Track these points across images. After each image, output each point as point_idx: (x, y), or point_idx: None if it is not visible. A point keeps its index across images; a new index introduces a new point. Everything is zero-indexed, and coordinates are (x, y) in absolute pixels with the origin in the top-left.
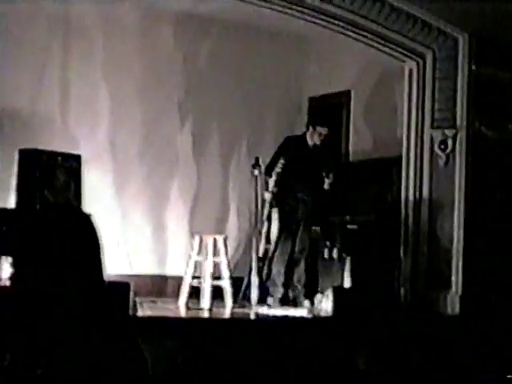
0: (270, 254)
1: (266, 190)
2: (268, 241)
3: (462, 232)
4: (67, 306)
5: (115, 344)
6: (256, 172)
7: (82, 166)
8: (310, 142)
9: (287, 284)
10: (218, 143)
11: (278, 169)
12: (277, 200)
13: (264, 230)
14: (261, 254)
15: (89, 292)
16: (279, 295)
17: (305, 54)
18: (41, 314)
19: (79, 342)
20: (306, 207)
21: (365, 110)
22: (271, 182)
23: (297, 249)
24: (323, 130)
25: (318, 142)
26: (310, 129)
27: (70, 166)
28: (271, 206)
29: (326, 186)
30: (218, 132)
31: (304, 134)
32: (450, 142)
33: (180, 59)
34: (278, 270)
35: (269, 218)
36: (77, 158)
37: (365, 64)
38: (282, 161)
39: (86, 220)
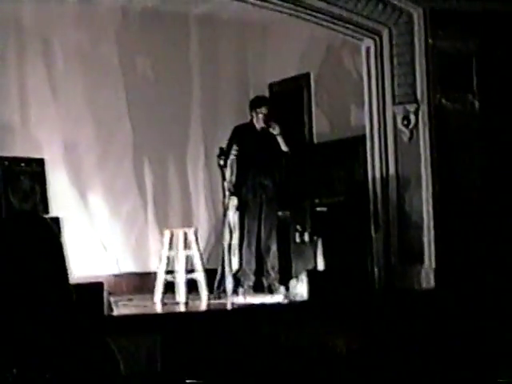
0: (233, 242)
1: (224, 179)
2: (230, 229)
3: (431, 206)
4: (33, 311)
5: (84, 346)
6: (221, 161)
7: (46, 170)
8: (257, 127)
9: (260, 271)
10: (177, 137)
11: (232, 156)
12: (235, 188)
13: (226, 219)
14: (226, 244)
15: (54, 296)
16: (251, 283)
17: (261, 40)
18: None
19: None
20: (266, 192)
21: (325, 92)
22: (227, 170)
23: (263, 235)
24: (263, 110)
25: (262, 124)
26: (253, 113)
27: (34, 170)
28: (229, 195)
29: (282, 147)
30: (177, 126)
31: (251, 121)
32: (412, 117)
33: (132, 55)
34: (247, 258)
35: (228, 207)
36: (40, 163)
37: (321, 45)
38: (235, 147)
39: (47, 225)
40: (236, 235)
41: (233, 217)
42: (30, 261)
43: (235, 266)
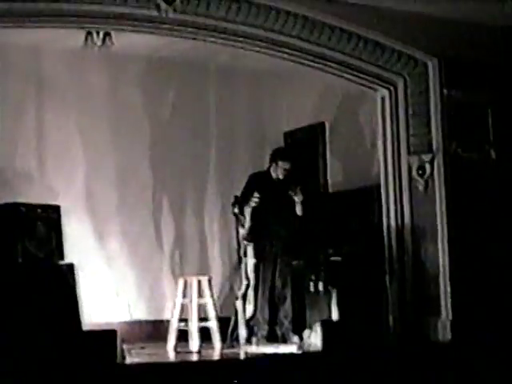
0: (249, 290)
1: (241, 226)
2: (247, 277)
3: (447, 256)
4: (45, 357)
5: None
6: (236, 210)
7: (62, 217)
8: (273, 176)
9: (273, 320)
10: (192, 184)
11: (252, 203)
12: (251, 236)
13: (242, 266)
14: (242, 291)
15: (66, 342)
16: (264, 333)
17: (277, 89)
18: (21, 367)
19: None
20: (282, 241)
21: (340, 141)
22: (246, 218)
23: (278, 284)
24: (285, 165)
25: (281, 177)
26: (273, 164)
27: (50, 217)
28: (247, 242)
29: (298, 212)
30: (194, 174)
31: (268, 169)
32: (427, 167)
33: (150, 105)
34: (261, 307)
35: (245, 254)
36: (56, 209)
37: (337, 94)
38: (256, 195)
39: (60, 272)
40: (251, 283)
41: (248, 264)
42: (43, 306)
43: (249, 314)
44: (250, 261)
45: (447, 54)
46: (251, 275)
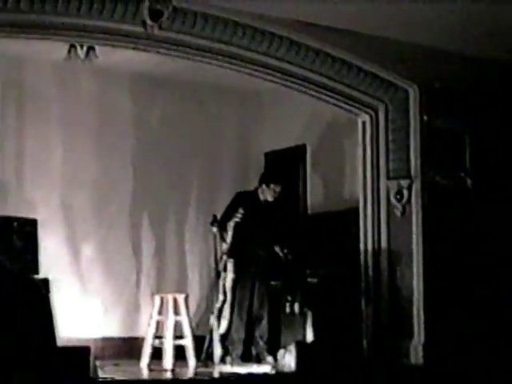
0: (225, 306)
1: (223, 240)
2: (224, 292)
3: (421, 281)
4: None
5: None
6: (214, 229)
7: (39, 230)
8: (261, 198)
9: (249, 340)
10: (173, 202)
11: (236, 218)
12: (232, 251)
13: (221, 281)
14: (219, 305)
15: (41, 357)
16: (239, 352)
17: (260, 110)
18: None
19: None
20: (260, 262)
21: (321, 164)
22: (229, 231)
23: (256, 304)
24: (277, 188)
25: (270, 199)
26: (263, 186)
27: (26, 230)
28: (227, 257)
29: (283, 259)
30: (174, 191)
31: (256, 190)
32: (405, 192)
33: (134, 120)
34: (236, 327)
35: (225, 269)
36: (33, 223)
37: (319, 117)
38: (241, 211)
39: (36, 287)
40: (228, 299)
41: (227, 280)
42: (18, 321)
43: (223, 329)
44: (229, 276)
45: (427, 81)
46: (229, 291)
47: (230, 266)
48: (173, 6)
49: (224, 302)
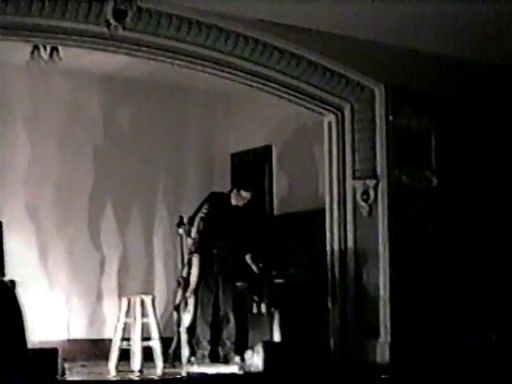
0: (190, 302)
1: (189, 235)
2: (186, 287)
3: (388, 280)
4: None
5: None
6: (180, 231)
7: (4, 232)
8: (233, 202)
9: (216, 341)
10: (139, 203)
11: (201, 214)
12: (197, 248)
13: (184, 275)
14: (178, 301)
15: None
16: (206, 352)
17: (227, 111)
18: None
19: None
20: (224, 264)
21: (287, 164)
22: (193, 228)
23: (221, 305)
24: (247, 195)
25: (240, 204)
26: (235, 191)
27: None
28: (191, 253)
29: (256, 271)
30: (139, 192)
31: (229, 193)
32: (371, 192)
33: (100, 122)
34: (201, 327)
35: (189, 264)
36: None
37: (285, 118)
38: (205, 206)
39: (5, 289)
40: (191, 295)
41: (192, 274)
42: None
43: (187, 323)
44: (194, 271)
45: (394, 81)
46: (192, 287)
47: (195, 261)
48: (137, 5)
49: (187, 297)
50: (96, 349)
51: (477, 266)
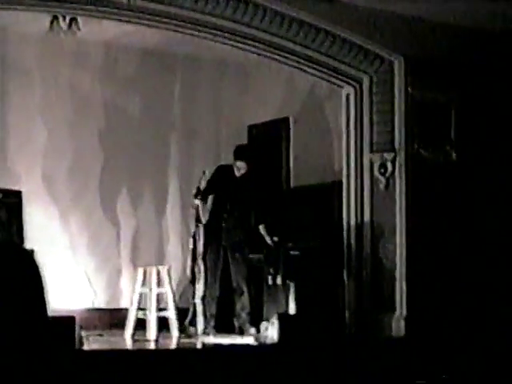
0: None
1: (200, 211)
2: (194, 258)
3: (404, 254)
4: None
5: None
6: (197, 201)
7: (23, 202)
8: (236, 173)
9: (230, 313)
10: (153, 174)
11: (212, 191)
12: (208, 223)
13: (191, 247)
14: (188, 272)
15: (32, 327)
16: (209, 325)
17: (244, 82)
18: None
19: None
20: (232, 236)
21: (304, 137)
22: (207, 203)
23: (234, 277)
24: (241, 165)
25: (237, 175)
26: (234, 161)
27: (11, 202)
28: (198, 224)
29: (269, 242)
30: (155, 165)
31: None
32: (389, 165)
33: (116, 88)
34: (207, 301)
35: (199, 237)
36: (17, 194)
37: (302, 90)
38: (218, 184)
39: (28, 256)
40: (201, 267)
41: (199, 247)
42: (11, 289)
43: (200, 292)
44: (201, 243)
45: (413, 52)
46: (201, 259)
47: (201, 233)
48: None
49: (199, 268)
50: (113, 318)
51: (495, 240)
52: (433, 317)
